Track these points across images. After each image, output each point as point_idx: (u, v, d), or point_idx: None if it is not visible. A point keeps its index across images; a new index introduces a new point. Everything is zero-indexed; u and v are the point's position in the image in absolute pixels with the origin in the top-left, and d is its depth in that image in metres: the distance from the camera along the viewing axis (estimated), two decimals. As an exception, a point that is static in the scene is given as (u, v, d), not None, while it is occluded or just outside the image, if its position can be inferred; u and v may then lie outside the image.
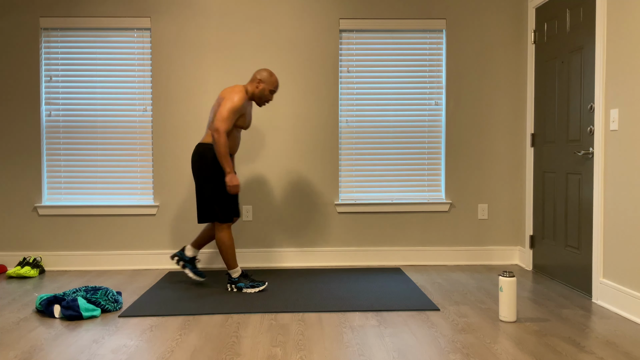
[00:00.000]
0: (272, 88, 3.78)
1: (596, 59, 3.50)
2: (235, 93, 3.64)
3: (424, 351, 2.66)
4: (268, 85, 3.75)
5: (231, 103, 3.59)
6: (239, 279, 3.79)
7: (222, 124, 3.55)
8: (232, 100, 3.60)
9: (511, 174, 4.69)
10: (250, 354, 2.64)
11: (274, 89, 3.79)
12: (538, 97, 4.38)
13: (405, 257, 4.67)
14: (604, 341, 2.80)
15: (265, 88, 3.75)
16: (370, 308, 3.35)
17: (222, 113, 3.57)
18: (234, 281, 3.79)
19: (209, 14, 4.56)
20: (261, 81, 3.74)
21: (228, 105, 3.58)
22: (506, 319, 3.10)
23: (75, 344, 2.77)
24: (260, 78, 3.74)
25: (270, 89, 3.77)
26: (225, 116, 3.56)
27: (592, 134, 3.60)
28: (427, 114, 4.68)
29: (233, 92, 3.65)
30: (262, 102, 3.81)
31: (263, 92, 3.75)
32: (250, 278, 3.82)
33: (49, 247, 4.57)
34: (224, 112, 3.57)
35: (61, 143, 4.58)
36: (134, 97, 4.60)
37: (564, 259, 3.95)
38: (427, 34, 4.66)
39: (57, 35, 4.56)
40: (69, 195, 4.60)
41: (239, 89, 3.70)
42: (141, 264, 4.59)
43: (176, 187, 4.59)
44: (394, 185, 4.69)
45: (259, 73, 3.76)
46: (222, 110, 3.57)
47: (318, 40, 4.59)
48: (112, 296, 3.36)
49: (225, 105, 3.58)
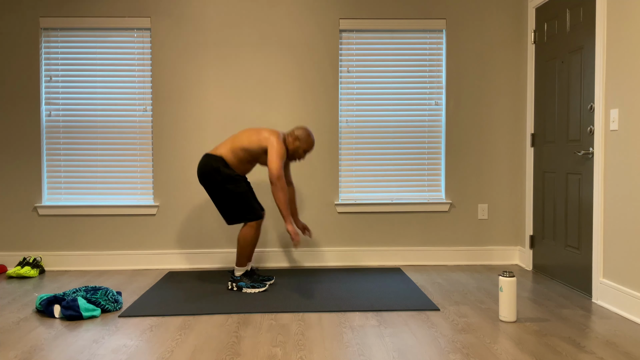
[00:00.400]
0: (307, 148, 3.83)
1: (596, 59, 3.50)
2: (278, 143, 3.66)
3: (424, 351, 2.66)
4: (303, 144, 3.80)
5: (279, 151, 3.64)
6: (241, 278, 3.79)
7: (278, 170, 3.58)
8: (278, 149, 3.64)
9: (511, 174, 4.69)
10: (250, 354, 2.64)
11: (308, 150, 3.84)
12: (538, 97, 4.38)
13: (405, 257, 4.67)
14: (604, 341, 2.80)
15: (300, 147, 3.80)
16: (370, 308, 3.35)
17: (274, 162, 3.59)
18: (236, 279, 3.80)
19: (208, 14, 4.56)
20: (298, 139, 3.79)
21: (277, 153, 3.62)
22: (506, 319, 3.10)
23: (75, 344, 2.77)
24: (298, 135, 3.79)
25: (304, 149, 3.82)
26: (278, 164, 3.59)
27: (592, 134, 3.60)
28: (427, 114, 4.68)
29: (278, 140, 3.67)
30: (293, 158, 3.86)
31: (297, 149, 3.81)
32: (255, 277, 3.85)
33: (49, 247, 4.57)
34: (276, 160, 3.60)
35: (61, 143, 4.58)
36: (134, 97, 4.60)
37: (564, 259, 3.95)
38: (427, 34, 4.66)
39: (57, 35, 4.56)
40: (69, 195, 4.60)
41: (280, 139, 3.71)
42: (141, 264, 4.59)
43: (176, 187, 4.59)
44: (394, 185, 4.69)
45: (298, 130, 3.80)
46: (273, 158, 3.60)
47: (318, 40, 4.59)
48: (112, 296, 3.36)
49: (275, 153, 3.62)
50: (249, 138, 3.74)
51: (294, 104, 4.61)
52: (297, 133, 3.79)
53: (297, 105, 4.61)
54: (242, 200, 3.74)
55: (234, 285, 3.80)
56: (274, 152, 3.63)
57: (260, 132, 3.75)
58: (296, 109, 4.60)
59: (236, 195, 3.72)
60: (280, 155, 3.63)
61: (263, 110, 4.60)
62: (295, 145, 3.80)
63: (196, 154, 4.58)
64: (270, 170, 3.59)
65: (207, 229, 4.61)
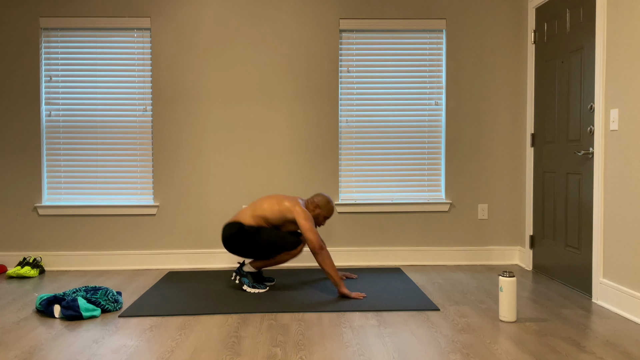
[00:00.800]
0: (327, 215, 3.89)
1: (596, 59, 3.49)
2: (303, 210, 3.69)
3: (424, 351, 2.66)
4: (324, 212, 3.87)
5: (305, 216, 3.64)
6: (247, 275, 3.81)
7: (317, 240, 3.57)
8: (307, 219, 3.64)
9: (511, 174, 4.69)
10: (250, 354, 2.64)
11: (328, 216, 3.90)
12: (538, 97, 4.38)
13: (405, 257, 4.67)
14: (604, 341, 2.80)
15: (320, 214, 3.87)
16: (370, 308, 3.35)
17: (310, 235, 3.58)
18: (242, 274, 3.81)
19: (208, 13, 4.56)
20: (318, 206, 3.85)
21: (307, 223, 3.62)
22: (506, 319, 3.09)
23: (75, 344, 2.77)
24: (318, 203, 3.85)
25: (324, 216, 3.89)
26: (315, 234, 3.58)
27: (592, 134, 3.60)
28: (427, 114, 4.68)
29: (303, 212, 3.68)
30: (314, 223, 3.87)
31: (318, 216, 3.87)
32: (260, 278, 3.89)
33: (49, 247, 4.57)
34: (310, 228, 3.60)
35: (61, 143, 4.58)
36: (134, 97, 4.60)
37: (564, 259, 3.95)
38: (427, 34, 4.66)
39: (57, 35, 4.56)
40: (69, 195, 4.60)
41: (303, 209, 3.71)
42: (141, 264, 4.59)
43: (176, 187, 4.59)
44: (394, 185, 4.69)
45: (318, 197, 3.86)
46: (308, 233, 3.58)
47: (318, 40, 4.59)
48: (112, 296, 3.35)
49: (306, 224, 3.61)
50: (271, 208, 3.76)
51: (294, 104, 4.61)
52: (317, 200, 3.85)
53: (297, 105, 4.61)
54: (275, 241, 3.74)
55: (237, 278, 3.81)
56: (305, 222, 3.63)
57: (281, 202, 3.75)
58: (296, 109, 4.60)
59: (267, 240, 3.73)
60: (312, 221, 3.66)
61: (263, 110, 4.60)
62: (316, 212, 3.85)
63: (196, 154, 4.58)
64: (310, 242, 3.57)
65: (207, 229, 4.61)
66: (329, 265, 3.55)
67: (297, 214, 3.68)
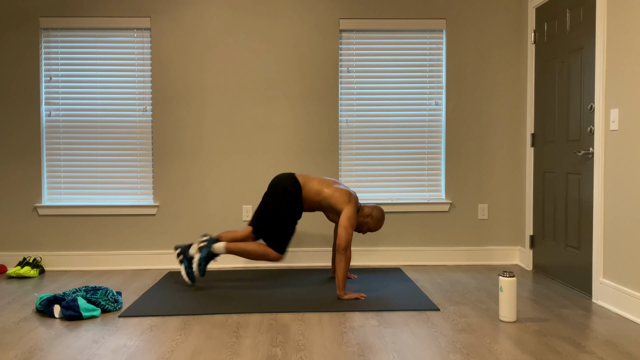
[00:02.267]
0: (373, 229, 3.86)
1: (596, 59, 3.49)
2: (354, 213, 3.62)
3: (424, 351, 2.66)
4: (372, 224, 3.83)
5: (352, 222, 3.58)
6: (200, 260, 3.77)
7: (347, 242, 3.54)
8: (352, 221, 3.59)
9: (511, 174, 4.69)
10: (250, 354, 2.64)
11: (373, 230, 3.87)
12: (538, 97, 4.38)
13: (405, 257, 4.67)
14: (604, 341, 2.80)
15: (368, 223, 3.83)
16: (371, 308, 3.35)
17: (345, 229, 3.55)
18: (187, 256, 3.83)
19: (208, 13, 4.56)
20: (371, 217, 3.82)
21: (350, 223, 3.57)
22: (506, 319, 3.09)
23: (75, 344, 2.77)
24: (372, 214, 3.82)
25: (370, 228, 3.85)
26: (349, 235, 3.55)
27: (592, 134, 3.60)
28: (427, 114, 4.68)
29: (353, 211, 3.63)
30: (357, 229, 3.87)
31: (364, 224, 3.83)
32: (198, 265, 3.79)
33: (49, 247, 4.57)
34: (348, 228, 3.56)
35: (61, 143, 4.58)
36: (134, 97, 4.60)
37: (564, 259, 3.95)
38: (427, 34, 4.66)
39: (57, 35, 4.56)
40: (69, 195, 4.60)
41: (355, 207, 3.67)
42: (141, 264, 4.59)
43: (176, 187, 4.59)
44: (394, 185, 4.69)
45: (376, 211, 3.83)
46: (345, 232, 3.54)
47: (318, 40, 4.59)
48: (112, 296, 3.35)
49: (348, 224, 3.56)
50: (333, 192, 3.71)
51: (294, 104, 4.61)
52: (373, 213, 3.82)
53: (297, 105, 4.61)
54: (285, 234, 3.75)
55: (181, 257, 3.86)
56: (348, 222, 3.58)
57: (343, 193, 3.70)
58: (296, 109, 4.60)
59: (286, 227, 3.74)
60: (353, 226, 3.62)
61: (263, 110, 4.60)
62: (365, 220, 3.82)
63: (196, 154, 4.58)
64: (340, 238, 3.54)
65: (207, 229, 4.61)
66: (342, 268, 3.53)
67: (347, 211, 3.62)
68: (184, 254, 3.90)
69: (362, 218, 3.83)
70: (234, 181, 4.61)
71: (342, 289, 3.56)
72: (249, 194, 4.61)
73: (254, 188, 4.61)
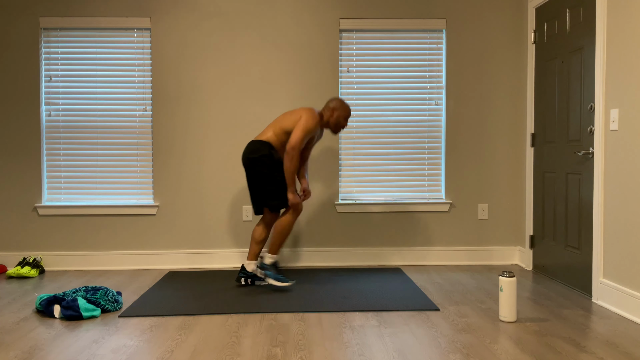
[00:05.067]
0: (346, 115, 3.94)
1: (596, 59, 3.49)
2: (312, 118, 3.77)
3: (424, 351, 2.66)
4: (342, 112, 3.91)
5: (307, 125, 3.74)
6: (269, 267, 3.83)
7: (299, 142, 3.69)
8: (308, 122, 3.75)
9: (511, 174, 4.69)
10: (250, 354, 2.64)
11: (347, 116, 3.94)
12: (538, 97, 4.38)
13: (405, 257, 4.67)
14: (604, 341, 2.80)
15: (340, 115, 3.91)
16: (370, 308, 3.35)
17: (298, 132, 3.70)
18: (265, 266, 3.83)
19: (208, 13, 4.56)
20: (335, 109, 3.89)
21: (304, 126, 3.73)
22: (506, 319, 3.10)
23: (75, 344, 2.77)
24: (333, 107, 3.90)
25: (344, 116, 3.92)
26: (301, 137, 3.70)
27: (592, 134, 3.60)
28: (427, 114, 4.68)
29: (311, 116, 3.77)
30: (337, 129, 3.96)
31: (338, 119, 3.92)
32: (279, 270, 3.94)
33: (49, 247, 4.57)
34: (300, 133, 3.71)
35: (61, 143, 4.58)
36: (134, 97, 4.60)
37: (564, 259, 3.95)
38: (427, 34, 4.66)
39: (57, 35, 4.56)
40: (69, 195, 4.60)
41: (315, 114, 3.80)
42: (141, 264, 4.59)
43: (176, 187, 4.59)
44: (394, 185, 4.69)
45: (332, 102, 3.92)
46: (298, 131, 3.71)
47: (318, 40, 4.59)
48: (112, 296, 3.36)
49: (301, 126, 3.73)
50: (290, 119, 3.82)
51: (294, 104, 4.61)
52: (332, 105, 3.91)
53: (297, 105, 4.60)
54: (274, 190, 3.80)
55: (261, 272, 3.83)
56: (300, 125, 3.71)
57: (296, 112, 3.84)
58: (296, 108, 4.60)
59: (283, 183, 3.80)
60: (305, 129, 3.71)
61: (263, 110, 4.60)
62: (335, 115, 3.89)
63: (196, 154, 4.58)
64: (290, 140, 3.68)
65: (207, 229, 4.61)
66: (289, 167, 3.69)
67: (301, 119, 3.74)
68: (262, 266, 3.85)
69: (332, 117, 3.89)
70: (234, 181, 4.61)
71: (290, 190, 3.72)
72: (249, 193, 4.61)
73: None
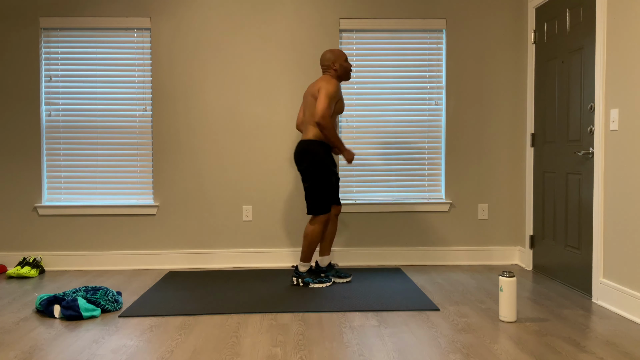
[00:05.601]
0: (344, 56, 3.92)
1: (596, 59, 3.50)
2: (327, 82, 3.78)
3: (424, 351, 2.66)
4: (340, 59, 3.89)
5: (327, 91, 3.74)
6: (306, 274, 3.89)
7: (326, 110, 3.69)
8: (327, 89, 3.75)
9: (511, 174, 4.69)
10: (250, 354, 2.64)
11: (346, 57, 3.93)
12: (538, 97, 4.38)
13: (405, 257, 4.67)
14: (604, 341, 2.80)
15: (341, 62, 3.89)
16: (370, 308, 3.35)
17: (322, 102, 3.70)
18: (302, 275, 3.88)
19: (208, 14, 4.56)
20: (334, 61, 3.89)
21: (324, 93, 3.73)
22: (506, 319, 3.10)
23: (75, 344, 2.77)
24: (331, 60, 3.88)
25: (344, 58, 3.91)
26: (326, 104, 3.70)
27: (592, 134, 3.60)
28: (427, 114, 4.68)
29: (326, 82, 3.78)
30: (348, 75, 3.95)
31: (343, 66, 3.90)
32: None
33: (49, 247, 4.57)
34: (324, 100, 3.71)
35: (61, 143, 4.58)
36: (134, 97, 4.60)
37: (564, 259, 3.95)
38: (427, 34, 4.66)
39: (57, 35, 4.56)
40: (69, 195, 4.60)
41: (328, 77, 3.83)
42: (141, 264, 4.59)
43: (176, 187, 4.59)
44: (394, 185, 4.69)
45: (325, 60, 3.89)
46: (322, 98, 3.71)
47: (318, 40, 4.59)
48: (112, 296, 3.36)
49: (322, 93, 3.73)
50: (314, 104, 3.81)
51: (294, 104, 4.61)
52: (328, 61, 3.89)
53: (297, 105, 4.60)
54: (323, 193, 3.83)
55: (299, 281, 3.88)
56: (322, 94, 3.72)
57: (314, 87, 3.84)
58: (296, 108, 4.60)
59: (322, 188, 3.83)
60: (328, 95, 3.71)
61: (263, 110, 4.60)
62: (337, 65, 3.88)
63: (196, 154, 4.58)
64: (317, 111, 3.68)
65: (207, 229, 4.61)
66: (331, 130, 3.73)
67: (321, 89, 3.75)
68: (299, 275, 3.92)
69: (337, 70, 3.87)
70: (234, 181, 4.61)
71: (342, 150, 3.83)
72: (249, 193, 4.61)
73: (254, 188, 4.61)
